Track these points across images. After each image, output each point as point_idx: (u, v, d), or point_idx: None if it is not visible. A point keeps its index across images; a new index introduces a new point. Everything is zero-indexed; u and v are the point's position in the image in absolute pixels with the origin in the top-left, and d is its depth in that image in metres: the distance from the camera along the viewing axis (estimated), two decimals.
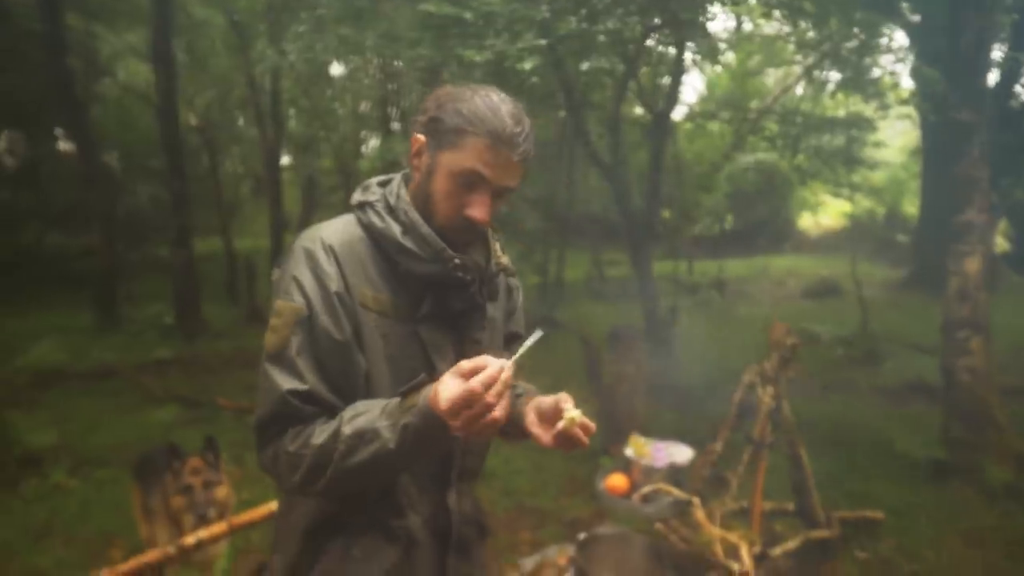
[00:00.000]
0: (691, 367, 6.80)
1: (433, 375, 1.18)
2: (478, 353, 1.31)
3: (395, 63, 11.41)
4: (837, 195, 7.98)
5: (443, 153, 1.21)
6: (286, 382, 1.16)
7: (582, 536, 3.16)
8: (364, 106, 16.57)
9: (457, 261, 1.23)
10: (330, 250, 1.22)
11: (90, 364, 7.22)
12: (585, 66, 4.08)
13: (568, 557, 3.17)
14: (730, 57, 13.02)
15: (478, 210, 1.22)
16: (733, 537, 3.02)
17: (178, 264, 9.28)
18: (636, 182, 9.69)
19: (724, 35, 8.21)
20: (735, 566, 2.83)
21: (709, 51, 6.55)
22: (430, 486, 1.31)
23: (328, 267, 1.20)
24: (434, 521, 1.32)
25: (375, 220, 1.25)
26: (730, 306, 10.44)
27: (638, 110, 10.24)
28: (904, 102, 8.83)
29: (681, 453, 3.36)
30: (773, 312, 10.12)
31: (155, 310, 9.50)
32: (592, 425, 1.21)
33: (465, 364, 1.08)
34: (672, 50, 6.57)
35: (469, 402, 1.04)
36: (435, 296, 1.26)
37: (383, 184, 1.34)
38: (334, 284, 1.19)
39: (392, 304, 1.24)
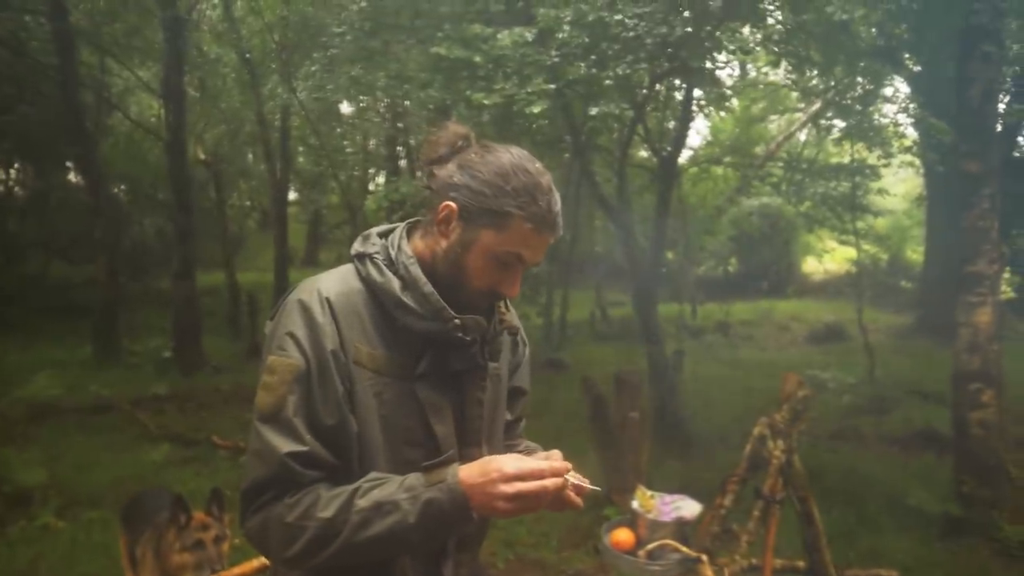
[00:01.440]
0: (696, 414, 6.71)
1: (469, 451, 1.16)
2: (480, 414, 1.28)
3: (404, 103, 11.57)
4: (844, 242, 7.94)
5: (484, 231, 1.16)
6: (284, 444, 1.09)
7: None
8: (372, 144, 16.78)
9: (457, 321, 1.17)
10: (327, 303, 1.16)
11: (86, 398, 7.14)
12: (594, 111, 4.09)
13: None
14: (734, 103, 13.18)
15: (512, 288, 1.21)
16: None
17: (179, 297, 9.25)
18: (640, 224, 9.72)
19: (730, 82, 8.31)
20: None
21: (717, 98, 6.60)
22: (425, 558, 1.24)
23: (324, 322, 1.15)
24: None
25: (374, 273, 1.19)
26: (735, 350, 10.36)
27: (643, 153, 10.33)
28: (907, 150, 8.90)
29: (689, 507, 3.23)
30: (778, 357, 10.06)
31: (154, 343, 9.44)
32: (586, 485, 1.16)
33: (518, 457, 1.10)
34: (679, 95, 6.63)
35: (532, 477, 1.05)
36: (434, 354, 1.20)
37: (384, 235, 1.28)
38: (330, 341, 1.14)
39: (388, 361, 1.17)
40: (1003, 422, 4.33)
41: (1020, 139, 9.72)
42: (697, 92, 6.39)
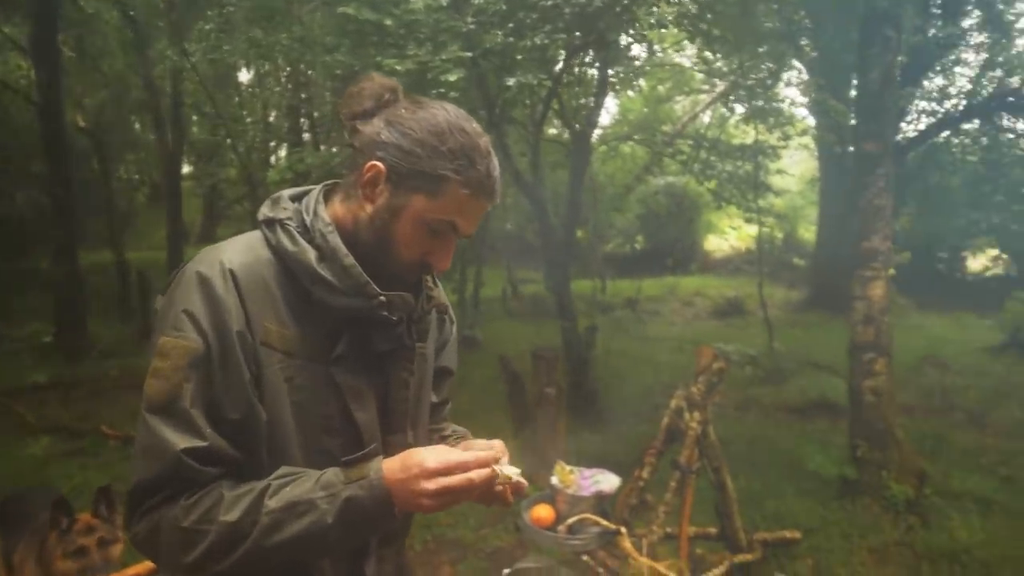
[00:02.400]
0: (608, 388, 6.81)
1: (393, 438, 1.06)
2: (406, 398, 1.17)
3: (307, 72, 11.05)
4: (749, 220, 8.24)
5: (415, 196, 1.05)
6: (180, 440, 0.96)
7: (507, 572, 3.00)
8: (273, 115, 16.00)
9: (382, 298, 1.06)
10: (230, 276, 1.02)
11: None
12: (510, 81, 3.99)
13: None
14: (642, 83, 13.38)
15: (444, 260, 1.12)
16: (662, 568, 2.94)
17: (60, 277, 8.52)
18: (552, 201, 9.73)
19: (638, 62, 8.39)
20: None
21: (629, 75, 6.63)
22: (346, 556, 1.13)
23: (228, 297, 1.00)
24: None
25: (286, 242, 1.06)
26: (643, 325, 10.61)
27: (552, 131, 10.33)
28: (804, 132, 9.32)
29: (608, 481, 3.25)
30: (684, 332, 10.39)
31: (33, 328, 8.69)
32: (525, 484, 1.08)
33: (444, 447, 1.03)
34: (595, 72, 6.63)
35: (457, 470, 0.98)
36: (354, 334, 1.08)
37: (297, 198, 1.14)
38: (234, 319, 1.00)
39: (301, 342, 1.05)
40: (892, 389, 4.58)
41: (902, 124, 10.37)
42: (610, 70, 6.40)
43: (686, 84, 14.54)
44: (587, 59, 6.19)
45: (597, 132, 10.74)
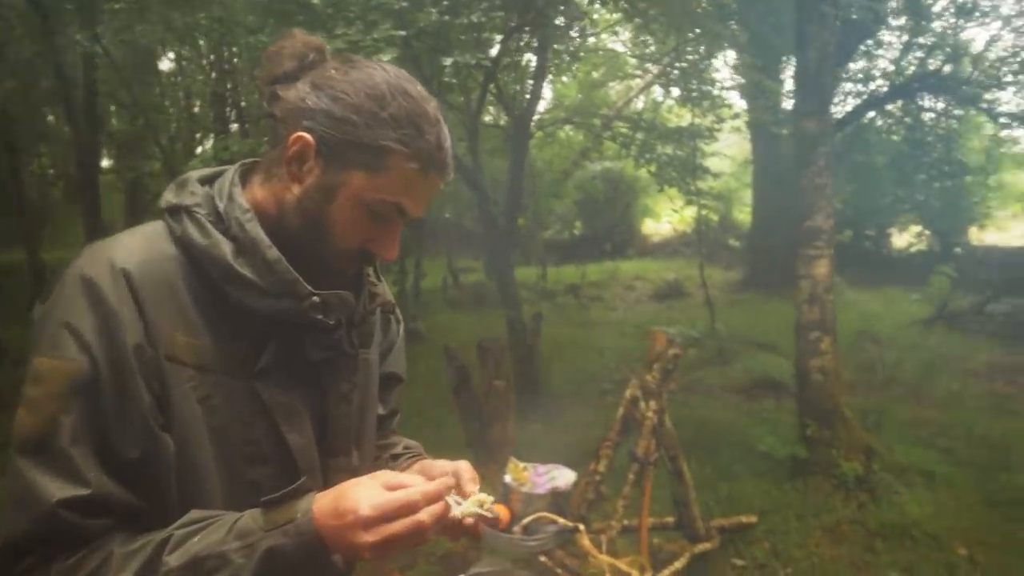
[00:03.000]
0: (554, 376, 6.72)
1: (335, 462, 0.89)
2: (348, 413, 0.98)
3: (232, 60, 10.55)
4: (689, 202, 8.27)
5: (352, 172, 0.88)
6: (56, 488, 0.76)
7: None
8: (198, 105, 15.27)
9: (315, 299, 0.88)
10: (123, 278, 0.83)
11: None
12: (448, 62, 3.80)
13: None
14: (575, 69, 13.33)
15: (389, 248, 0.94)
16: (623, 565, 2.84)
17: None
18: (490, 188, 9.56)
19: (576, 40, 8.29)
20: None
21: (567, 57, 6.51)
22: None
23: (121, 305, 0.81)
24: None
25: (194, 234, 0.87)
26: (585, 311, 10.57)
27: (487, 118, 10.16)
28: (736, 116, 9.41)
29: (564, 476, 3.10)
30: (627, 316, 10.40)
31: None
32: (505, 515, 0.96)
33: (390, 475, 0.84)
34: (532, 57, 6.48)
35: (402, 514, 0.78)
36: (282, 342, 0.90)
37: (208, 181, 0.96)
38: (130, 332, 0.81)
39: (217, 354, 0.87)
40: (838, 367, 4.61)
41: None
42: (549, 51, 6.26)
43: (620, 69, 14.58)
44: (525, 41, 6.03)
45: (533, 118, 10.63)
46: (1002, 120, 8.99)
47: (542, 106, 16.38)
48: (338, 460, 0.98)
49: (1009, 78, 8.59)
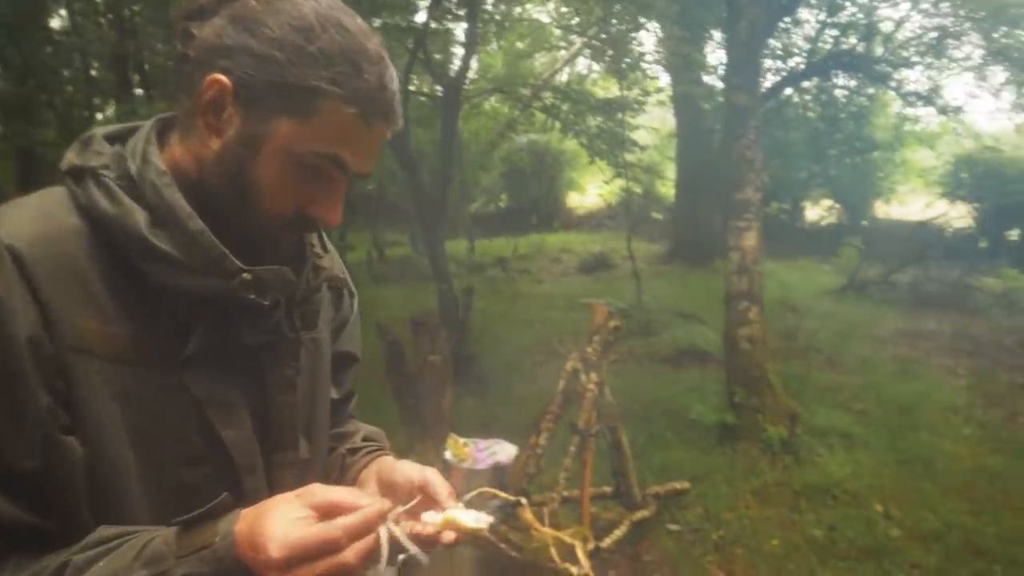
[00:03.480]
0: (486, 350, 6.68)
1: (281, 457, 0.77)
2: (292, 402, 0.85)
3: (133, 19, 9.83)
4: (618, 175, 8.31)
5: (278, 120, 0.74)
6: None
7: (401, 557, 2.78)
8: (96, 68, 14.23)
9: (247, 276, 0.76)
10: (12, 258, 0.70)
11: None
12: (377, 23, 3.62)
13: None
14: (501, 38, 13.17)
15: (331, 209, 0.81)
16: (566, 537, 2.84)
17: None
18: (418, 159, 9.33)
19: (498, 15, 8.15)
20: (574, 570, 2.65)
21: (495, 26, 6.36)
22: None
23: (10, 290, 0.69)
24: None
25: (102, 201, 0.74)
26: (514, 284, 10.56)
27: (411, 87, 9.90)
28: (659, 91, 9.51)
29: (505, 451, 3.12)
30: (555, 289, 10.46)
31: None
32: (484, 532, 0.79)
33: (319, 493, 0.70)
34: (460, 24, 6.31)
35: (321, 554, 0.65)
36: (211, 325, 0.78)
37: (117, 139, 0.82)
38: (22, 322, 0.69)
39: (134, 342, 0.74)
40: (764, 336, 4.75)
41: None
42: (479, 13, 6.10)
43: (545, 40, 14.48)
44: (452, 7, 5.86)
45: (464, 87, 10.41)
46: (909, 98, 9.43)
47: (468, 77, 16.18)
48: (284, 454, 0.87)
49: (916, 58, 9.00)
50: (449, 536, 0.78)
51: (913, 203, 14.11)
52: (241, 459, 0.81)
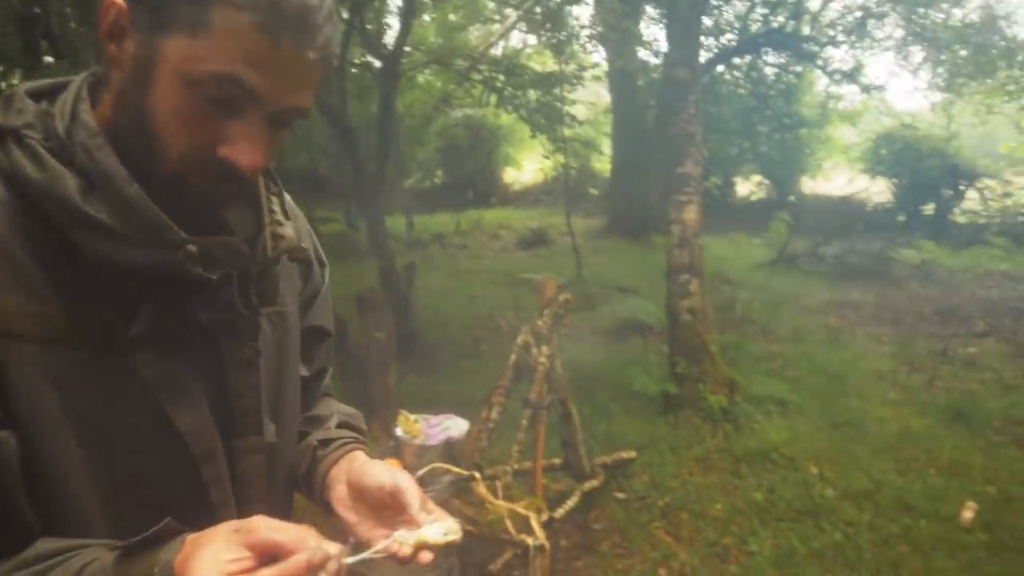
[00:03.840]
0: (428, 326, 6.63)
1: (244, 443, 0.73)
2: (254, 383, 0.79)
3: None
4: (557, 150, 8.31)
5: (171, 40, 0.65)
6: None
7: (353, 539, 2.74)
8: None
9: (193, 248, 0.68)
10: None
11: None
12: None
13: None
14: (435, 8, 12.92)
15: (243, 150, 0.69)
16: (520, 509, 2.85)
17: None
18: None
19: None
20: (529, 540, 2.66)
21: None
22: None
23: None
24: None
25: (26, 166, 0.66)
26: (453, 260, 10.49)
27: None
28: (595, 66, 9.53)
29: (456, 426, 3.10)
30: (494, 264, 10.44)
31: None
32: (456, 542, 0.76)
33: (262, 530, 0.61)
34: None
35: None
36: (158, 301, 0.71)
37: (43, 96, 0.73)
38: None
39: (71, 323, 0.67)
40: (705, 307, 4.86)
41: None
42: None
43: (479, 12, 14.31)
44: None
45: (402, 59, 10.17)
46: (834, 76, 9.73)
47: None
48: (247, 440, 0.81)
49: (841, 37, 9.29)
50: (426, 557, 0.74)
51: (837, 178, 14.65)
52: (197, 447, 0.74)
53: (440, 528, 0.75)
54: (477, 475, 2.95)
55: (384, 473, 0.83)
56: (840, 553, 3.20)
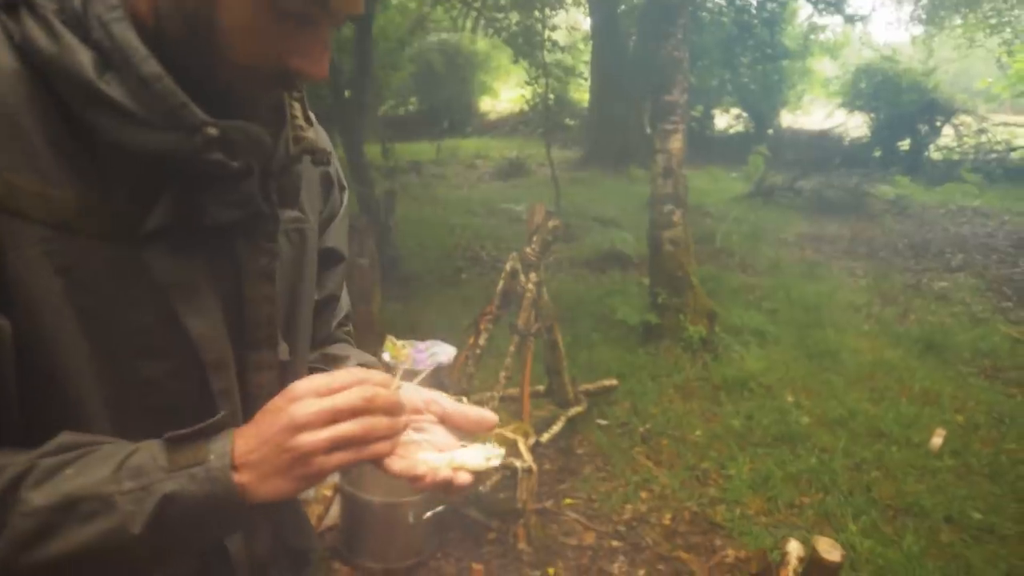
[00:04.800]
0: (408, 254, 6.56)
1: (258, 357, 0.70)
2: (271, 295, 0.74)
3: None
4: (537, 77, 8.09)
5: None
6: None
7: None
8: None
9: (213, 131, 0.63)
10: None
11: None
12: None
13: (333, 484, 2.75)
14: None
15: (315, 61, 0.67)
16: (508, 433, 2.88)
17: None
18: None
19: None
20: (518, 463, 2.70)
21: None
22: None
23: None
24: None
25: (39, 38, 0.60)
26: (429, 189, 10.32)
27: None
28: None
29: (444, 351, 3.09)
30: (471, 194, 10.30)
31: None
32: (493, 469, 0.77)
33: (301, 387, 0.65)
34: None
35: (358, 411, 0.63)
36: (178, 195, 0.66)
37: None
38: None
39: (81, 209, 0.62)
40: (687, 238, 4.86)
41: None
42: None
43: None
44: None
45: None
46: (819, 5, 9.56)
47: None
48: (261, 354, 0.76)
49: None
50: (464, 478, 0.71)
51: (815, 113, 14.60)
52: (208, 354, 0.70)
53: (481, 451, 0.72)
54: (465, 400, 2.97)
55: (414, 392, 0.80)
56: (815, 477, 3.30)
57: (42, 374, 0.62)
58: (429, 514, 2.55)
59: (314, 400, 0.63)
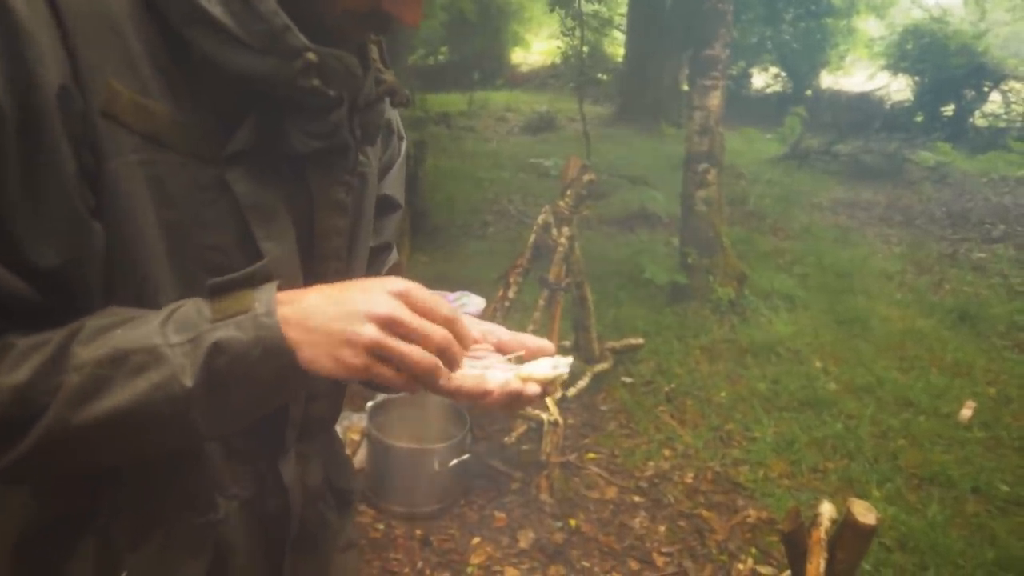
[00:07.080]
0: (436, 206, 6.53)
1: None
2: (340, 229, 0.75)
3: None
4: (572, 28, 7.90)
5: None
6: None
7: (371, 403, 2.80)
8: None
9: (311, 56, 0.62)
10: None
11: None
12: None
13: (361, 428, 2.79)
14: None
15: (412, 8, 0.66)
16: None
17: None
18: None
19: None
20: (544, 416, 2.71)
21: None
22: (249, 452, 0.77)
23: (40, 31, 0.55)
24: (260, 506, 0.78)
25: None
26: (458, 142, 10.23)
27: None
28: None
29: (474, 303, 3.09)
30: (501, 148, 10.20)
31: None
32: (563, 378, 0.73)
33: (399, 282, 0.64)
34: None
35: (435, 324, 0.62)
36: (263, 119, 0.66)
37: None
38: (52, 66, 0.56)
39: (173, 123, 0.62)
40: (720, 198, 4.77)
41: None
42: None
43: None
44: None
45: None
46: None
47: None
48: (328, 284, 0.77)
49: None
50: (533, 389, 0.69)
51: (857, 74, 14.13)
52: (281, 279, 0.69)
53: (548, 362, 0.71)
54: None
55: (470, 322, 0.79)
56: (840, 443, 3.28)
57: (126, 281, 0.63)
58: (455, 462, 2.59)
59: (406, 312, 0.60)
